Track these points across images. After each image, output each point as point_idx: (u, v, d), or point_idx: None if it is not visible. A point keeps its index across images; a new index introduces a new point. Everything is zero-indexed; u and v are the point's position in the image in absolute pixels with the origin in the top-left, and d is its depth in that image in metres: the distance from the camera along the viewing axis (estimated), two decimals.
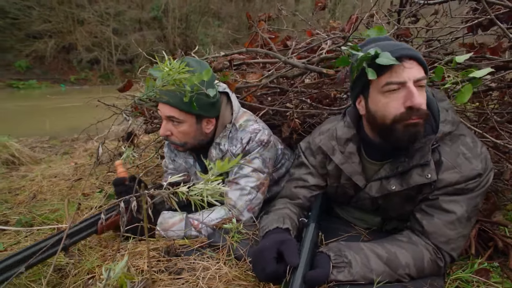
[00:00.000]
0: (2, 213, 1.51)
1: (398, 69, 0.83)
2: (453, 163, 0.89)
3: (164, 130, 1.19)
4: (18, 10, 12.81)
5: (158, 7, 16.87)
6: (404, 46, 0.86)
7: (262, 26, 2.00)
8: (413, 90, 0.82)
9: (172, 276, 0.78)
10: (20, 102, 8.72)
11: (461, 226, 0.91)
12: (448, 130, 0.91)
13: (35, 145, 3.56)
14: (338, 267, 0.83)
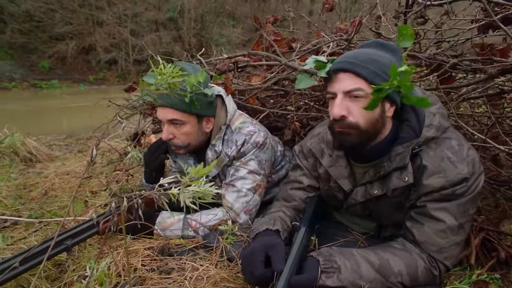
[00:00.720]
0: (15, 208, 1.59)
1: (335, 80, 0.90)
2: (438, 168, 0.88)
3: (167, 134, 1.21)
4: (43, 13, 13.38)
5: (174, 8, 17.17)
6: (343, 59, 0.90)
7: (268, 28, 2.01)
8: (336, 101, 0.88)
9: (162, 276, 0.80)
10: (42, 101, 9.10)
11: (453, 234, 0.89)
12: (431, 135, 0.90)
13: (52, 143, 3.71)
14: (327, 272, 0.83)
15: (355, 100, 0.87)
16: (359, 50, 0.92)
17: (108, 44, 14.51)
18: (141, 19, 16.13)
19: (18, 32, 12.98)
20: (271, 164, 1.39)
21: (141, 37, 15.68)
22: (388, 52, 0.92)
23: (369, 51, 0.91)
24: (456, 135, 0.94)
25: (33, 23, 13.17)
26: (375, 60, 0.87)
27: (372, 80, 0.85)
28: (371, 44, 0.95)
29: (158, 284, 0.75)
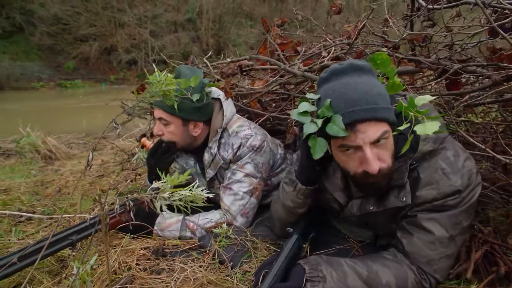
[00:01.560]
0: (30, 204, 1.69)
1: (353, 132, 0.78)
2: (430, 179, 0.85)
3: (157, 130, 1.30)
4: (69, 16, 14.02)
5: (192, 9, 17.45)
6: (358, 107, 0.76)
7: (275, 31, 2.01)
8: (368, 155, 0.78)
9: (151, 276, 0.84)
10: (66, 100, 9.52)
11: (443, 246, 0.87)
12: (428, 149, 0.86)
13: (72, 141, 3.88)
14: (312, 281, 0.83)
15: (381, 144, 0.80)
16: (351, 86, 0.80)
17: (128, 45, 14.96)
18: (161, 20, 16.51)
19: (46, 34, 13.65)
20: (269, 167, 1.41)
21: (160, 38, 16.06)
22: (369, 75, 0.83)
23: (361, 83, 0.80)
24: (453, 145, 0.91)
25: (60, 25, 13.82)
26: (380, 94, 0.79)
27: (391, 119, 0.79)
28: (348, 70, 0.82)
29: (146, 283, 0.78)
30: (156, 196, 0.84)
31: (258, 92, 1.48)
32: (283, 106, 1.49)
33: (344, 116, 0.77)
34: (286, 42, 1.99)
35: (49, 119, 5.97)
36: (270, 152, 1.40)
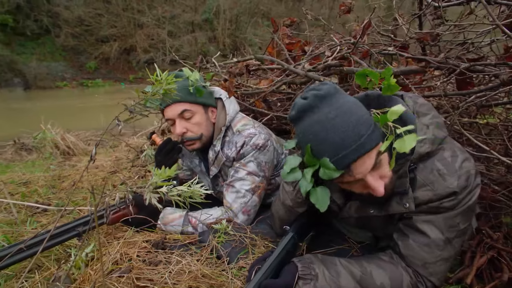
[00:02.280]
0: (47, 197, 1.79)
1: (351, 171, 0.77)
2: (426, 180, 0.84)
3: (181, 128, 1.28)
4: (91, 18, 14.57)
5: (210, 10, 17.66)
6: (345, 151, 0.74)
7: (284, 31, 2.02)
8: (371, 184, 0.78)
9: (149, 266, 0.87)
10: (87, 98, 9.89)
11: (439, 249, 0.85)
12: (425, 151, 0.84)
13: (90, 138, 4.04)
14: (304, 279, 0.83)
15: (381, 165, 0.79)
16: (329, 125, 0.75)
17: (147, 45, 15.35)
18: (178, 21, 16.83)
19: (70, 36, 14.26)
20: (272, 166, 1.42)
21: (177, 38, 16.38)
22: (337, 97, 0.78)
23: (333, 118, 0.75)
24: (451, 145, 0.89)
25: (83, 27, 14.39)
26: (357, 122, 0.75)
27: (378, 143, 0.76)
28: (315, 103, 0.77)
29: (143, 274, 0.82)
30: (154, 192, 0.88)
31: (263, 91, 1.49)
32: (286, 106, 1.50)
33: (335, 164, 0.75)
34: (294, 42, 2.00)
35: (70, 116, 6.23)
36: (274, 152, 1.40)
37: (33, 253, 0.91)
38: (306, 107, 0.78)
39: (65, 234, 1.05)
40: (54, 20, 14.02)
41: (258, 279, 0.76)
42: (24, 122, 4.21)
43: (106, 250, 1.00)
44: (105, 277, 0.78)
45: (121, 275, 0.80)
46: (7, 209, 1.56)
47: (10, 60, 12.18)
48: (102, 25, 14.79)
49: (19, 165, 2.64)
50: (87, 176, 2.16)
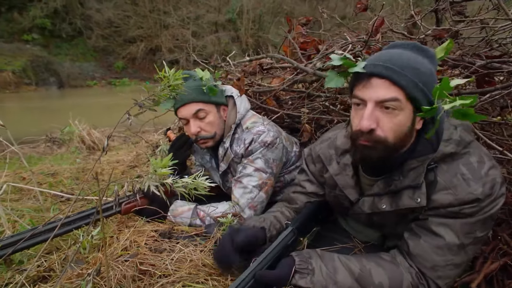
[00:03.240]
0: (70, 187, 1.91)
1: (366, 85, 0.78)
2: (448, 184, 0.80)
3: (195, 128, 1.31)
4: (120, 20, 15.24)
5: (233, 10, 17.85)
6: (379, 62, 0.78)
7: (299, 30, 2.02)
8: (366, 111, 0.78)
9: (153, 253, 0.92)
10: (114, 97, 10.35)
11: (451, 253, 0.82)
12: (450, 151, 0.81)
13: (114, 135, 4.24)
14: (301, 273, 0.84)
15: (387, 112, 0.78)
16: (395, 52, 0.81)
17: (171, 45, 15.79)
18: (202, 21, 17.17)
19: (100, 37, 15.00)
20: (281, 164, 1.43)
21: (201, 38, 16.71)
22: (427, 58, 0.82)
23: (406, 54, 0.80)
24: (479, 150, 0.84)
25: (112, 28, 15.10)
26: (415, 68, 0.76)
27: (410, 91, 0.75)
28: (407, 46, 0.83)
29: (146, 259, 0.87)
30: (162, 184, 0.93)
31: (273, 90, 1.50)
32: (296, 104, 1.50)
33: (366, 66, 0.79)
34: (309, 41, 1.99)
35: (96, 114, 6.56)
36: (283, 149, 1.42)
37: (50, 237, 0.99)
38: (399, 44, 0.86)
39: (81, 220, 1.13)
40: (87, 22, 14.82)
41: (253, 269, 0.78)
42: (56, 118, 4.49)
43: (118, 236, 1.06)
44: (113, 260, 0.83)
45: (126, 260, 0.86)
46: (36, 197, 1.70)
47: (47, 61, 13.03)
48: (129, 26, 15.43)
49: (49, 158, 2.83)
50: (108, 170, 2.28)
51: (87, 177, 2.05)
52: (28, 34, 13.78)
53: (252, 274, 0.78)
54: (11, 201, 1.60)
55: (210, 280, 0.83)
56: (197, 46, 16.22)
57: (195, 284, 0.79)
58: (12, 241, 0.93)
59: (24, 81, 12.01)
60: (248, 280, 0.76)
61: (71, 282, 0.76)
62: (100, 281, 0.73)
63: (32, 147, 3.64)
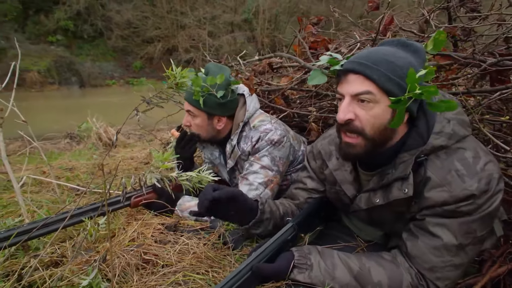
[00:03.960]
0: (86, 181, 2.00)
1: (343, 81, 0.84)
2: (442, 181, 0.79)
3: (186, 121, 1.42)
4: (139, 21, 15.63)
5: (249, 10, 17.91)
6: (355, 59, 0.83)
7: (309, 29, 2.03)
8: (343, 104, 0.83)
9: (157, 244, 0.96)
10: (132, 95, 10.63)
11: (450, 254, 0.80)
12: (440, 144, 0.81)
13: (130, 132, 4.37)
14: (299, 268, 0.86)
15: (363, 104, 0.82)
16: (375, 49, 0.86)
17: (188, 45, 16.04)
18: (219, 21, 17.32)
19: (120, 37, 15.43)
20: (287, 162, 1.44)
21: (217, 38, 16.87)
22: (410, 53, 0.84)
23: (386, 50, 0.83)
24: (474, 145, 0.83)
25: (131, 29, 15.51)
26: (390, 62, 0.80)
27: (383, 85, 0.79)
28: (392, 42, 0.87)
29: (151, 250, 0.91)
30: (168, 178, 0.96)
31: (281, 89, 1.52)
32: (303, 103, 1.51)
33: (344, 64, 0.86)
34: (320, 40, 1.99)
35: (114, 112, 6.76)
36: (291, 148, 1.43)
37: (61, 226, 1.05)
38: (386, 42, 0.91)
39: (93, 211, 1.18)
40: (107, 23, 15.29)
41: (250, 261, 0.80)
42: (77, 116, 4.68)
43: (126, 228, 1.11)
44: (119, 249, 0.88)
45: (131, 249, 0.90)
46: (54, 190, 1.79)
47: (70, 61, 13.57)
48: (148, 27, 15.79)
49: (68, 154, 2.97)
50: (122, 165, 2.36)
51: (96, 171, 2.13)
52: (53, 35, 14.39)
53: (250, 267, 0.79)
54: (31, 193, 1.70)
55: (211, 272, 0.86)
56: (213, 46, 16.38)
57: (196, 275, 0.82)
58: (28, 228, 1.00)
59: (48, 80, 12.56)
60: (245, 272, 0.78)
61: (80, 268, 0.81)
62: (106, 268, 0.77)
63: (53, 143, 3.81)
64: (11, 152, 3.22)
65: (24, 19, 14.07)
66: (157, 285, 0.74)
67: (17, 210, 1.47)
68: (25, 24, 14.08)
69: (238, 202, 0.97)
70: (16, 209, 1.49)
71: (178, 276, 0.79)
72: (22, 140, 4.01)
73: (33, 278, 0.79)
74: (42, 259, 0.92)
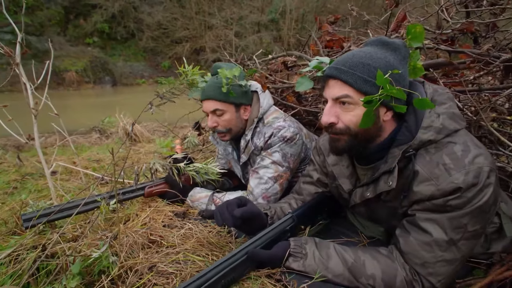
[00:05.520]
0: (110, 172, 2.14)
1: (326, 86, 0.91)
2: (429, 174, 0.81)
3: (211, 122, 1.42)
4: (168, 22, 16.18)
5: (276, 10, 17.89)
6: (334, 65, 0.89)
7: (326, 28, 2.03)
8: (325, 108, 0.89)
9: (164, 228, 1.03)
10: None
11: (440, 249, 0.81)
12: (428, 138, 0.82)
13: (156, 129, 4.57)
14: (294, 256, 0.89)
15: (344, 106, 0.87)
16: (353, 52, 0.89)
17: (215, 45, 16.34)
18: (245, 22, 17.47)
19: (150, 38, 16.07)
20: (298, 159, 1.46)
21: (244, 39, 17.03)
22: (389, 51, 0.87)
23: (364, 52, 0.87)
24: (465, 139, 0.83)
25: (161, 30, 16.09)
26: (365, 64, 0.84)
27: (359, 87, 0.83)
28: (373, 42, 0.91)
29: (158, 232, 0.98)
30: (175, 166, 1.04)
31: (293, 86, 1.55)
32: (314, 100, 1.53)
33: (326, 70, 0.92)
34: (336, 39, 1.99)
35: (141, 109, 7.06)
36: (303, 146, 1.45)
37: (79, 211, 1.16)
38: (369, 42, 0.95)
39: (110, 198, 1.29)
40: (139, 25, 15.99)
41: (246, 246, 0.85)
42: (108, 113, 4.97)
43: (139, 214, 1.20)
44: (129, 229, 0.96)
45: (142, 230, 0.98)
46: (81, 178, 1.95)
47: (104, 61, 14.37)
48: (177, 28, 16.30)
49: (96, 147, 3.18)
50: (145, 159, 2.51)
51: (127, 165, 2.28)
52: (90, 37, 15.32)
53: (245, 251, 0.84)
54: (61, 180, 1.86)
55: (211, 255, 0.91)
56: (239, 46, 16.56)
57: (196, 256, 0.88)
58: (54, 210, 1.12)
59: (84, 79, 13.41)
60: (240, 256, 0.82)
61: (95, 243, 0.90)
62: (116, 244, 0.86)
63: (85, 138, 4.10)
64: (48, 145, 3.51)
65: (66, 23, 15.12)
66: (159, 262, 0.82)
67: (49, 194, 1.63)
68: (66, 28, 15.12)
69: (256, 221, 0.99)
70: (48, 194, 1.65)
71: (179, 256, 0.86)
72: (60, 135, 4.35)
73: (55, 249, 0.89)
74: (65, 236, 1.03)
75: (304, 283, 0.83)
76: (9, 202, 1.55)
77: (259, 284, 0.79)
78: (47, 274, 0.84)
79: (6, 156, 2.76)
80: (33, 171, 2.14)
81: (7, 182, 1.92)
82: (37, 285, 0.80)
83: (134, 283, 0.75)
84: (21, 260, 0.89)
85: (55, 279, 0.81)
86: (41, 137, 3.67)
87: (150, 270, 0.79)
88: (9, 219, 1.27)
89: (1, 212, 1.38)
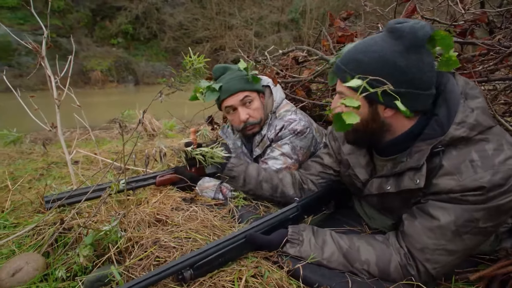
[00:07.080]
0: (128, 164, 2.25)
1: None
2: (453, 169, 0.77)
3: (244, 115, 1.40)
4: (189, 23, 16.55)
5: (296, 10, 17.82)
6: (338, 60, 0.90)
7: (338, 24, 2.04)
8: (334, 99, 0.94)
9: (172, 211, 1.09)
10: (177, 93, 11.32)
11: (444, 238, 0.79)
12: (460, 135, 0.77)
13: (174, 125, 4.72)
14: (291, 242, 0.92)
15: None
16: (356, 44, 0.88)
17: (235, 45, 16.52)
18: (265, 21, 17.53)
19: (172, 39, 16.51)
20: (308, 153, 1.48)
21: (263, 38, 17.09)
22: (393, 40, 0.81)
23: (363, 44, 0.85)
24: (500, 137, 0.78)
25: (182, 31, 16.49)
26: (357, 60, 0.83)
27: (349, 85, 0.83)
28: (385, 28, 0.85)
29: (165, 213, 1.04)
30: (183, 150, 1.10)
31: (301, 80, 1.57)
32: (319, 95, 1.55)
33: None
34: (348, 34, 1.99)
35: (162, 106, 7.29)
36: (313, 140, 1.47)
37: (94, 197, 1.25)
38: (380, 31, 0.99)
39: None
40: (161, 26, 16.49)
41: (246, 230, 0.89)
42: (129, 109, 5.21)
43: (150, 198, 1.28)
44: (138, 209, 1.03)
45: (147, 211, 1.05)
46: (101, 168, 2.07)
47: (127, 61, 14.95)
48: (197, 28, 16.65)
49: (116, 141, 3.34)
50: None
51: (142, 156, 2.39)
52: (115, 38, 15.97)
53: (244, 235, 0.88)
54: (83, 169, 1.99)
55: (212, 235, 0.96)
56: (259, 46, 16.63)
57: (198, 235, 0.93)
58: (75, 193, 1.22)
59: (109, 79, 14.01)
60: (239, 239, 0.86)
61: (107, 220, 0.98)
62: (125, 221, 0.93)
63: (107, 132, 4.31)
64: (72, 139, 3.72)
65: (93, 25, 15.85)
66: (162, 237, 0.87)
67: (71, 180, 1.75)
68: (93, 29, 15.85)
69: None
70: (70, 180, 1.77)
71: (181, 234, 0.91)
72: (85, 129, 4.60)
73: (71, 224, 0.98)
74: (81, 214, 1.11)
75: (299, 264, 0.86)
76: (36, 186, 1.68)
77: (255, 263, 0.82)
78: (64, 245, 0.93)
79: (35, 147, 2.97)
80: (58, 160, 2.29)
81: (35, 169, 2.07)
82: (55, 253, 0.89)
83: (138, 255, 0.82)
84: (43, 233, 0.99)
85: (71, 248, 0.89)
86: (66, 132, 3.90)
87: (154, 244, 0.85)
88: (35, 200, 1.39)
89: (29, 195, 1.51)
